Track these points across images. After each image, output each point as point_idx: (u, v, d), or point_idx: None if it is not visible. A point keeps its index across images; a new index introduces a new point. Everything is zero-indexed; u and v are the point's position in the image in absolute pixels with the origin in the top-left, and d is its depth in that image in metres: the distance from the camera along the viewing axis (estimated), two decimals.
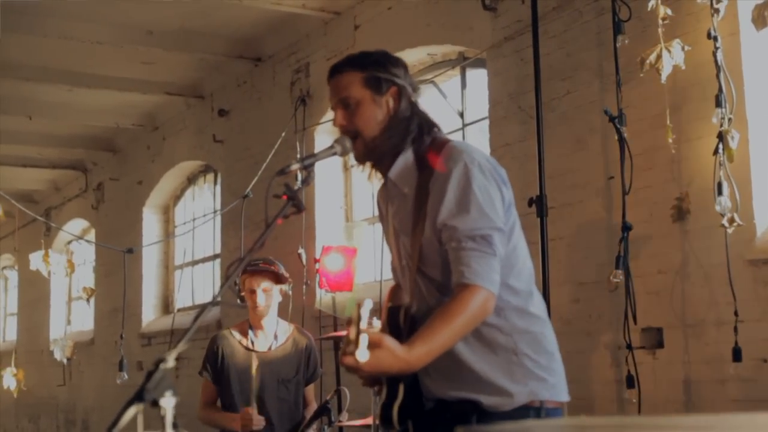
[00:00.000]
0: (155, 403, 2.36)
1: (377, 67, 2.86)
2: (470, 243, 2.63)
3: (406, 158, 2.84)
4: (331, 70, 2.92)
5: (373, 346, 2.42)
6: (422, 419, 2.81)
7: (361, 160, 2.88)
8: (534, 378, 2.74)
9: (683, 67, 4.81)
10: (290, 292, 5.07)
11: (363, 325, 2.36)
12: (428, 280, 2.80)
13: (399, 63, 2.93)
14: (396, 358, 2.49)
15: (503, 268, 2.71)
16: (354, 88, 2.84)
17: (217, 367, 4.89)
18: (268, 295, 4.86)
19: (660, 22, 4.85)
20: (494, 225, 2.66)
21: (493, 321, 2.73)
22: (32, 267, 10.98)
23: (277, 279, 4.89)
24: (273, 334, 4.96)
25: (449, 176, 2.70)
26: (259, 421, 4.63)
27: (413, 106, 2.89)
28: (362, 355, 2.36)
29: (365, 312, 2.35)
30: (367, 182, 2.99)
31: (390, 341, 2.49)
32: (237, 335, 4.95)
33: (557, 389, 2.79)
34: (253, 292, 4.84)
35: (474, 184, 2.68)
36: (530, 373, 2.74)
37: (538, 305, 2.84)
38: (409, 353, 2.52)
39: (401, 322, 2.80)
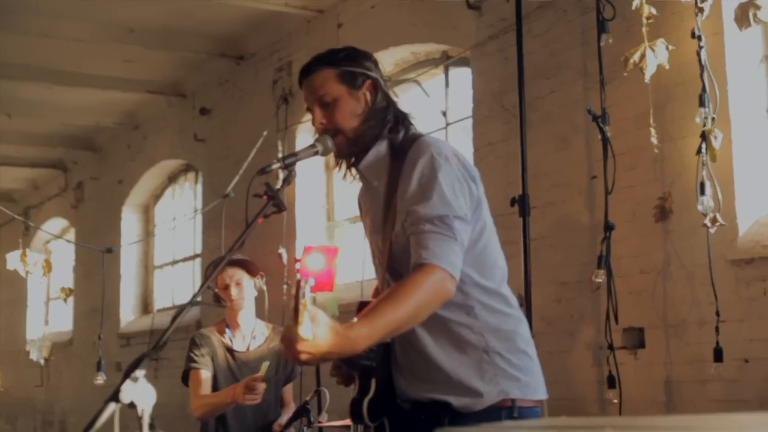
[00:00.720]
0: (132, 404, 2.32)
1: (350, 62, 2.84)
2: (429, 225, 2.58)
3: (378, 150, 2.82)
4: (302, 71, 2.89)
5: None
6: (399, 419, 2.77)
7: (342, 155, 2.83)
8: (506, 377, 2.69)
9: (667, 67, 4.80)
10: (264, 287, 4.99)
11: (307, 301, 2.23)
12: (397, 277, 2.74)
13: (369, 57, 2.91)
14: (336, 334, 2.35)
15: (475, 267, 2.68)
16: (329, 85, 2.81)
17: (205, 357, 4.78)
18: (240, 288, 4.79)
19: (644, 21, 4.85)
20: (455, 212, 2.61)
21: (464, 320, 2.70)
22: (9, 267, 10.91)
23: (248, 270, 4.82)
24: (251, 334, 4.90)
25: (415, 167, 2.67)
26: (261, 391, 4.51)
27: (388, 97, 2.87)
28: (306, 331, 2.24)
29: (307, 288, 2.23)
30: (342, 178, 2.94)
31: (326, 318, 2.35)
32: (215, 334, 4.89)
33: (531, 387, 2.73)
34: (226, 287, 4.78)
35: (439, 173, 2.64)
36: (502, 372, 2.69)
37: (510, 303, 2.79)
38: (349, 330, 2.40)
39: None
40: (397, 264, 2.74)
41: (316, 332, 2.30)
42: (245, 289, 4.82)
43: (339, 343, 2.37)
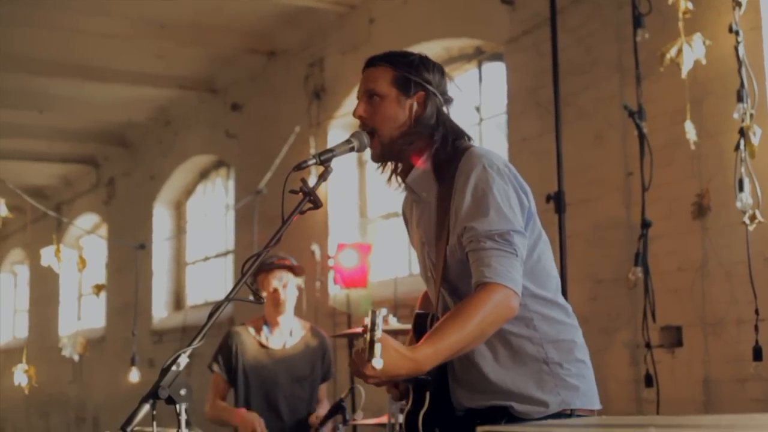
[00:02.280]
0: (170, 401, 2.33)
1: (410, 69, 2.80)
2: (489, 242, 2.57)
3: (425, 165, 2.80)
4: (367, 61, 2.88)
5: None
6: (451, 427, 2.76)
7: (377, 160, 2.83)
8: (566, 387, 2.69)
9: (704, 62, 4.73)
10: (303, 285, 5.02)
11: (378, 333, 2.29)
12: (451, 290, 2.75)
13: (435, 69, 2.86)
14: (403, 357, 2.41)
15: (530, 278, 2.67)
16: (382, 83, 2.79)
17: (230, 362, 4.84)
18: (288, 289, 4.83)
19: (681, 15, 4.77)
20: (514, 227, 2.60)
21: (523, 332, 2.70)
22: (44, 262, 10.93)
23: (294, 272, 4.85)
24: (288, 332, 4.91)
25: (468, 180, 2.66)
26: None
27: (440, 114, 2.81)
28: (378, 362, 2.30)
29: (380, 319, 2.29)
30: (383, 180, 2.91)
31: (393, 341, 2.42)
32: (252, 331, 4.90)
33: (588, 397, 2.74)
34: (275, 290, 4.80)
35: (493, 186, 2.63)
36: (562, 383, 2.69)
37: (568, 312, 2.80)
38: (415, 352, 2.44)
39: (429, 329, 2.73)
40: (453, 277, 2.73)
41: (385, 358, 2.33)
42: (292, 291, 4.85)
43: (406, 366, 2.42)
